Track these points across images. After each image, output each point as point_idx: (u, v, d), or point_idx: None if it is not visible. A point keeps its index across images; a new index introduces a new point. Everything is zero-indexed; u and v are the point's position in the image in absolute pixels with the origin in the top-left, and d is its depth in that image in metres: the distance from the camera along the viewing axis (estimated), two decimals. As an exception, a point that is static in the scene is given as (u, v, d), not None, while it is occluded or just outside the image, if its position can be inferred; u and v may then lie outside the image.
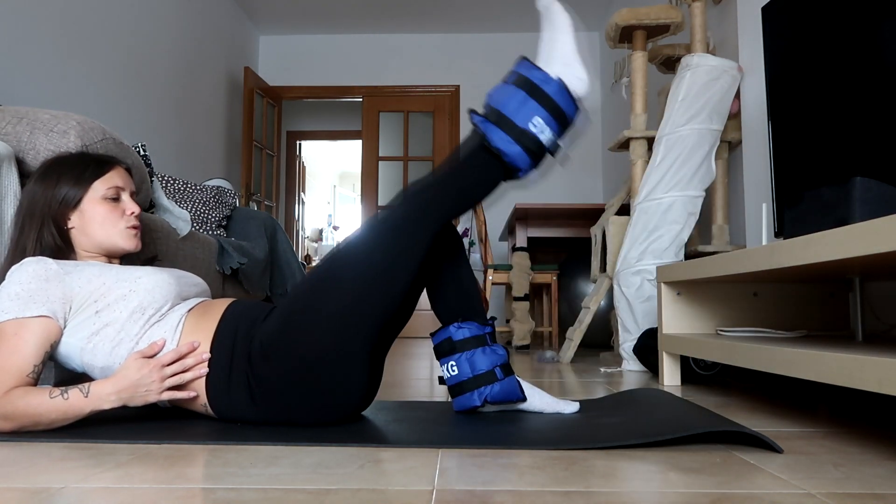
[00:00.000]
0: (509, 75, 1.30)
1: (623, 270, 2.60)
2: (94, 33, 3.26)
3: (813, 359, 1.22)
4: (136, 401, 1.21)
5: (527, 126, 1.25)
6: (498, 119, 1.26)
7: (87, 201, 1.39)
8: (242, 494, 0.84)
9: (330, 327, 1.20)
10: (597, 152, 5.53)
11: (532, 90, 1.26)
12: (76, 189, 1.39)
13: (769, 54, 2.06)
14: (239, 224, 2.95)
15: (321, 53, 5.72)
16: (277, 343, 1.22)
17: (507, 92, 1.27)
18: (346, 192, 9.78)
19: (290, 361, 1.21)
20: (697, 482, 0.90)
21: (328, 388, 1.23)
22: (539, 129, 1.26)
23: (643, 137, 2.84)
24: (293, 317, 1.23)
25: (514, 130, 1.25)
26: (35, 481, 0.90)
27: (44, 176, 1.40)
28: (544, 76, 1.27)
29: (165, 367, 1.22)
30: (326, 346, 1.21)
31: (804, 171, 1.87)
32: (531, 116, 1.25)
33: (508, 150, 1.25)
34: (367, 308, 1.22)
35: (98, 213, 1.39)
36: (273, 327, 1.24)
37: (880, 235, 1.02)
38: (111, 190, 1.41)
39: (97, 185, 1.41)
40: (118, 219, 1.41)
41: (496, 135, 1.25)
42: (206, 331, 1.28)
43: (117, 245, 1.41)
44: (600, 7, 5.14)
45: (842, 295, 2.06)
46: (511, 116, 1.25)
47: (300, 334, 1.21)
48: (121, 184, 1.44)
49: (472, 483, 0.90)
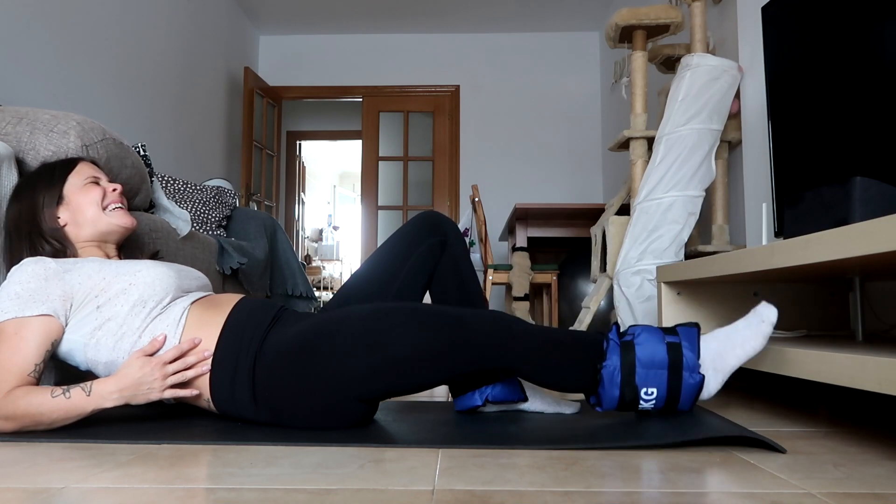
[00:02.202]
0: (672, 332, 1.23)
1: (623, 270, 2.60)
2: (95, 33, 3.26)
3: (813, 359, 1.22)
4: (138, 399, 1.21)
5: (641, 387, 1.19)
6: (626, 356, 1.18)
7: (69, 193, 1.43)
8: (242, 494, 0.84)
9: (338, 366, 1.19)
10: (597, 152, 5.52)
11: (675, 364, 1.19)
12: (53, 188, 1.42)
13: (769, 54, 2.06)
14: (239, 224, 2.95)
15: (321, 53, 5.72)
16: (285, 361, 1.22)
17: (656, 347, 1.19)
18: (346, 192, 9.78)
19: (295, 380, 1.21)
20: (697, 482, 0.90)
21: (332, 404, 1.22)
22: (647, 397, 1.20)
23: (643, 137, 2.83)
24: (321, 336, 1.21)
25: (629, 380, 1.18)
26: (35, 481, 0.90)
27: (17, 194, 1.44)
28: (695, 365, 1.20)
29: (167, 364, 1.22)
30: (332, 382, 1.20)
31: (804, 171, 1.87)
32: (653, 384, 1.19)
33: (608, 388, 1.19)
34: (382, 376, 1.20)
35: (83, 197, 1.43)
36: (285, 345, 1.23)
37: (880, 235, 1.02)
38: (88, 178, 1.46)
39: (71, 178, 1.45)
40: (99, 197, 1.45)
41: (613, 365, 1.18)
42: (212, 325, 1.28)
43: (112, 224, 1.44)
44: (600, 7, 5.14)
45: (842, 295, 2.06)
46: (638, 368, 1.18)
47: (309, 362, 1.20)
48: (94, 173, 1.49)
49: (472, 483, 0.90)
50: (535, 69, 5.58)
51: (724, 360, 1.22)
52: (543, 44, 5.60)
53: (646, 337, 1.21)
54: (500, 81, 5.59)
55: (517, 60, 5.59)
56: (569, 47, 5.58)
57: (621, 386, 1.19)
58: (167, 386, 1.22)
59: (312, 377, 1.19)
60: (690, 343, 1.21)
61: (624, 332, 1.23)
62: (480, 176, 5.52)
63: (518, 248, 3.88)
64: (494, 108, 5.58)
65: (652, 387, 1.19)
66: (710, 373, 1.22)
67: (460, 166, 5.56)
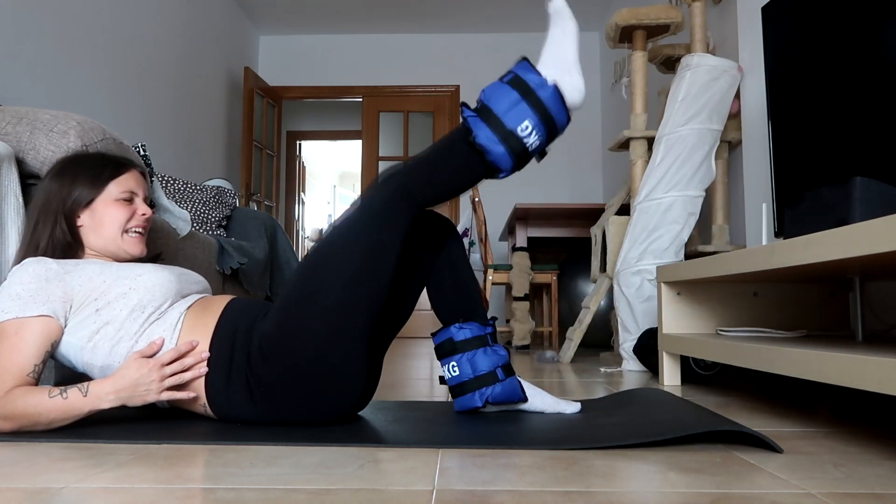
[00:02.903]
0: (506, 74, 1.29)
1: (623, 270, 2.60)
2: (95, 33, 3.26)
3: (813, 359, 1.22)
4: (135, 400, 1.21)
5: (515, 128, 1.23)
6: (487, 117, 1.24)
7: (100, 202, 1.39)
8: (242, 494, 0.84)
9: (325, 321, 1.21)
10: (597, 152, 5.52)
11: (526, 92, 1.24)
12: (91, 189, 1.39)
13: (769, 54, 2.06)
14: (239, 224, 2.95)
15: (321, 53, 5.72)
16: (275, 343, 1.22)
17: (501, 91, 1.25)
18: (346, 192, 9.78)
19: (287, 360, 1.22)
20: (697, 482, 0.90)
21: (327, 387, 1.23)
22: (526, 133, 1.23)
23: (643, 137, 2.84)
24: (288, 315, 1.23)
25: (502, 130, 1.23)
26: (35, 481, 0.90)
27: (60, 173, 1.40)
28: (541, 80, 1.25)
29: (165, 366, 1.22)
30: (323, 340, 1.21)
31: (804, 171, 1.87)
32: (521, 119, 1.23)
33: (493, 149, 1.23)
34: (358, 298, 1.22)
35: (109, 213, 1.39)
36: (270, 327, 1.24)
37: (880, 235, 1.02)
38: (125, 192, 1.41)
39: (111, 186, 1.40)
40: (128, 219, 1.40)
41: (483, 132, 1.23)
42: (204, 328, 1.28)
43: (122, 249, 1.40)
44: (600, 7, 5.14)
45: (842, 295, 2.06)
46: (501, 116, 1.23)
47: (296, 332, 1.21)
48: (135, 188, 1.43)
49: (472, 483, 0.90)
50: (535, 69, 5.57)
51: (563, 59, 1.28)
52: (543, 44, 5.59)
53: (490, 92, 1.26)
54: (500, 81, 5.59)
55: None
56: (569, 47, 5.58)
57: (500, 140, 1.23)
58: (164, 388, 1.22)
59: (302, 342, 1.21)
60: (524, 69, 1.27)
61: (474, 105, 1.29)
62: (480, 176, 5.52)
63: (518, 248, 3.88)
64: (494, 108, 5.57)
65: (522, 121, 1.23)
66: (561, 75, 1.27)
67: (460, 166, 5.56)
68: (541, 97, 1.24)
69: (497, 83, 1.27)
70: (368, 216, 1.24)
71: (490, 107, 1.24)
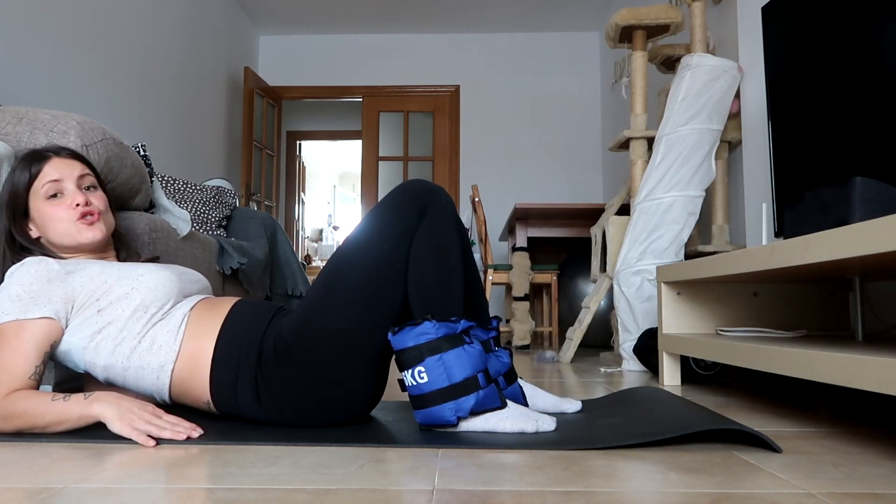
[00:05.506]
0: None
1: (623, 270, 2.60)
2: (95, 33, 3.26)
3: (813, 359, 1.22)
4: (124, 417, 1.14)
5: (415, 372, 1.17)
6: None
7: (33, 208, 1.35)
8: (242, 494, 0.84)
9: (346, 331, 1.22)
10: (597, 152, 5.52)
11: (461, 389, 1.17)
12: (20, 200, 1.35)
13: (769, 54, 2.06)
14: (239, 224, 2.95)
15: (321, 53, 5.72)
16: (293, 344, 1.22)
17: (460, 360, 1.18)
18: (346, 192, 9.78)
19: (304, 363, 1.22)
20: (697, 482, 0.90)
21: (337, 392, 1.24)
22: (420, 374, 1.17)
23: (643, 137, 2.84)
24: (310, 318, 1.23)
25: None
26: (35, 481, 0.90)
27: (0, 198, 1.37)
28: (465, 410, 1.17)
29: (165, 418, 1.17)
30: (341, 349, 1.22)
31: (804, 171, 1.87)
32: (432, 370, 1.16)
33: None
34: (379, 300, 1.23)
35: (46, 215, 1.34)
36: (290, 328, 1.24)
37: (880, 235, 1.02)
38: (48, 187, 1.34)
39: (35, 187, 1.35)
40: (65, 214, 1.34)
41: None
42: (210, 329, 1.28)
43: (76, 241, 1.35)
44: (600, 7, 5.14)
45: (842, 295, 2.06)
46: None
47: (318, 335, 1.22)
48: (56, 176, 1.35)
49: (472, 483, 0.90)
50: (535, 69, 5.58)
51: (528, 413, 1.24)
52: (543, 44, 5.60)
53: (454, 358, 1.19)
54: (500, 81, 5.59)
55: (517, 60, 5.59)
56: (569, 47, 5.58)
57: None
58: (148, 423, 1.14)
59: (322, 344, 1.21)
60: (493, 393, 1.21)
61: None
62: (480, 176, 5.52)
63: (518, 248, 3.88)
64: (494, 108, 5.58)
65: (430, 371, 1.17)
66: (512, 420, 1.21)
67: (460, 166, 5.56)
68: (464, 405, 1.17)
69: (463, 351, 1.18)
70: (385, 216, 1.27)
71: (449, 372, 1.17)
